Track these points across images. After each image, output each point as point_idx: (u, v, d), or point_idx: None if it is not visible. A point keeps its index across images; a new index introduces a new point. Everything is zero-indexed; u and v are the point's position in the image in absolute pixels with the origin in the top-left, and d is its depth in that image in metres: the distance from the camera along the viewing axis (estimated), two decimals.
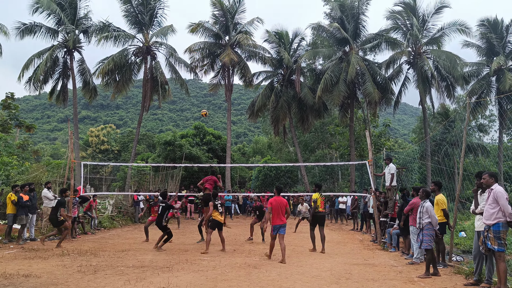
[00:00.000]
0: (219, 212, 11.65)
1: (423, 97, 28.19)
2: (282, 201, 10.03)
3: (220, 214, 11.64)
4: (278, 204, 9.90)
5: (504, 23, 29.25)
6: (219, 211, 11.65)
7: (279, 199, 9.99)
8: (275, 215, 9.83)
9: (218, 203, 11.81)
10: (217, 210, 11.60)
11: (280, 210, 9.87)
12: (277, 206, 9.88)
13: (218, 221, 11.57)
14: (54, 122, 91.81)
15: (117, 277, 7.79)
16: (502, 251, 6.60)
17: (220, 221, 11.58)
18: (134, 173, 28.87)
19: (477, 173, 7.95)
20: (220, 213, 11.65)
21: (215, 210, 11.59)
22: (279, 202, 9.93)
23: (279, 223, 9.85)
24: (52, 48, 25.95)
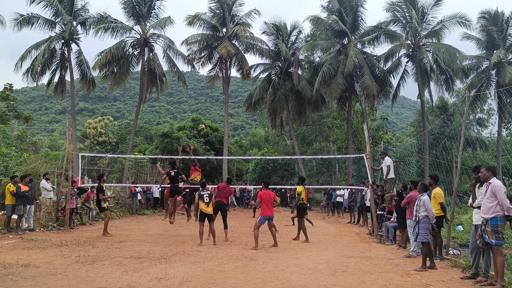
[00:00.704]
0: (205, 202, 11.24)
1: (422, 91, 28.12)
2: (271, 194, 10.79)
3: (206, 205, 11.22)
4: (267, 197, 10.63)
5: (505, 16, 28.97)
6: (205, 201, 11.25)
7: (267, 192, 10.74)
8: (265, 207, 10.54)
9: (205, 193, 11.36)
10: (202, 201, 11.24)
11: (269, 203, 10.60)
12: (267, 199, 10.59)
13: (204, 213, 11.26)
14: (52, 114, 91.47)
15: (115, 268, 7.81)
16: (499, 245, 6.61)
17: (207, 212, 11.21)
18: (132, 165, 28.84)
19: (474, 167, 7.96)
20: (206, 203, 11.23)
21: (201, 201, 11.26)
22: (268, 195, 10.67)
23: (269, 214, 10.61)
24: (50, 40, 25.79)
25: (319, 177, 36.67)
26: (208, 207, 11.25)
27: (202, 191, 11.39)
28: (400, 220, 11.13)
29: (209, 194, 11.40)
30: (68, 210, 14.18)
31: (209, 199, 11.32)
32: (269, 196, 10.67)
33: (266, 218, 10.63)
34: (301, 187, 12.34)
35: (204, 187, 11.61)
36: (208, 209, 11.24)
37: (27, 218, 13.35)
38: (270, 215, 10.65)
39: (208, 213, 11.23)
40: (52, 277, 6.98)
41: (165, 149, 31.11)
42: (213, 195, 11.55)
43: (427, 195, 8.88)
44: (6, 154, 16.98)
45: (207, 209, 11.23)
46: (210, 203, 11.30)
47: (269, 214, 10.61)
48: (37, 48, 25.94)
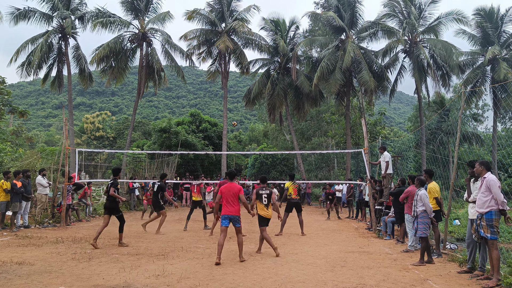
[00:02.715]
0: (264, 204, 9.30)
1: (419, 86, 28.14)
2: (234, 187, 8.35)
3: (265, 206, 9.30)
4: (228, 190, 8.31)
5: (500, 13, 29.16)
6: (263, 202, 9.30)
7: (230, 186, 8.38)
8: (224, 203, 8.31)
9: (264, 192, 9.39)
10: (261, 202, 9.30)
11: (230, 198, 8.27)
12: (227, 193, 8.31)
13: (263, 217, 9.27)
14: (48, 109, 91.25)
15: (112, 265, 7.79)
16: (494, 239, 6.64)
17: (266, 216, 9.26)
18: (130, 160, 28.80)
19: (469, 162, 7.98)
20: (265, 205, 9.30)
21: (259, 202, 9.33)
22: (229, 189, 8.31)
23: (230, 213, 8.25)
24: (47, 34, 25.63)
25: (317, 172, 36.68)
26: (268, 209, 9.31)
27: (261, 190, 9.44)
28: (397, 215, 11.16)
29: (269, 193, 9.45)
30: (65, 206, 14.15)
31: (268, 200, 9.38)
32: (232, 190, 8.29)
33: (227, 218, 8.27)
34: (289, 182, 12.56)
35: (264, 182, 9.75)
36: (268, 212, 9.29)
37: (22, 214, 13.23)
38: (232, 213, 8.24)
39: (268, 217, 9.30)
40: (47, 275, 6.95)
41: (163, 144, 31.06)
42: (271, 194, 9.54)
43: (424, 189, 8.91)
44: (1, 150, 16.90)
45: (267, 212, 9.28)
46: (269, 204, 9.37)
47: (230, 212, 8.24)
48: (33, 42, 25.76)
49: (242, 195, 8.32)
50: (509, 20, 29.01)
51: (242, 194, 8.32)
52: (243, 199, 8.36)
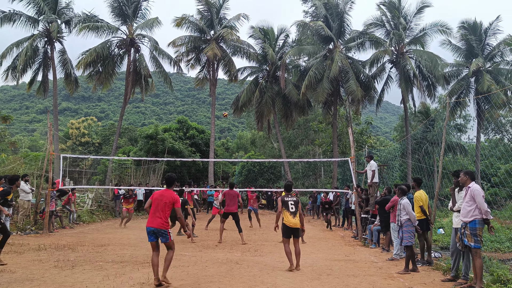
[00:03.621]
0: (291, 212, 8.33)
1: (405, 96, 28.52)
2: (168, 196, 6.94)
3: (292, 215, 8.30)
4: (160, 199, 6.93)
5: (483, 26, 29.89)
6: (290, 210, 8.34)
7: (164, 193, 7.00)
8: (151, 213, 6.93)
9: (290, 200, 8.47)
10: (287, 210, 8.35)
11: (159, 207, 6.87)
12: (158, 202, 6.91)
13: (289, 227, 8.31)
14: (33, 113, 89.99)
15: (96, 273, 7.67)
16: (478, 247, 6.72)
17: (293, 226, 8.29)
18: (115, 167, 28.51)
19: (454, 171, 8.09)
20: (292, 213, 8.31)
21: (285, 210, 8.37)
22: (162, 197, 6.94)
23: (152, 225, 6.85)
24: (33, 38, 25.34)
25: (304, 180, 36.79)
26: (295, 218, 8.31)
27: (287, 197, 8.53)
28: (383, 223, 11.24)
29: (296, 201, 8.51)
30: (48, 213, 13.91)
31: (296, 207, 8.39)
32: (164, 199, 6.89)
33: (152, 232, 6.87)
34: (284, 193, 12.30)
35: (290, 191, 8.84)
36: (295, 221, 8.29)
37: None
38: (156, 226, 6.81)
39: (294, 227, 8.33)
40: (28, 283, 6.80)
41: (150, 151, 30.84)
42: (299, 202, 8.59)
43: (406, 198, 8.99)
44: None
45: (294, 221, 8.28)
46: (297, 213, 8.38)
47: (154, 224, 6.82)
48: (18, 46, 25.46)
49: (179, 208, 6.97)
50: (493, 33, 29.75)
51: (178, 207, 6.95)
52: (179, 213, 6.99)
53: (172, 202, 6.91)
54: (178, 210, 6.98)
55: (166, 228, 6.87)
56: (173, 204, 6.91)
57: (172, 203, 6.90)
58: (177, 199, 6.98)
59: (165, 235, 6.88)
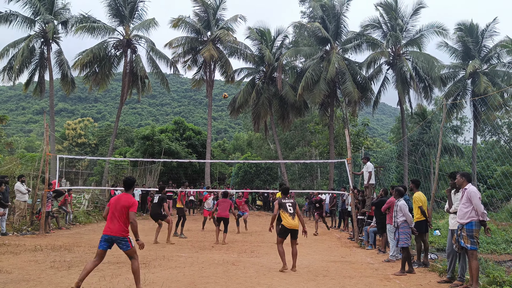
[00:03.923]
0: (290, 213, 8.43)
1: (402, 98, 28.59)
2: (124, 200, 6.38)
3: (291, 216, 8.40)
4: (116, 203, 6.41)
5: (480, 28, 29.98)
6: (289, 212, 8.44)
7: (120, 197, 6.47)
8: (108, 219, 6.41)
9: (288, 202, 8.61)
10: (286, 211, 8.45)
11: (116, 213, 6.33)
12: (114, 207, 6.39)
13: (287, 228, 8.38)
14: (29, 114, 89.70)
15: (92, 273, 7.62)
16: (474, 249, 6.74)
17: (291, 227, 8.35)
18: (112, 168, 28.45)
19: (450, 173, 8.12)
20: (291, 215, 8.41)
21: (284, 211, 8.46)
22: (118, 201, 6.41)
23: (109, 233, 6.31)
24: (29, 38, 25.28)
25: (301, 182, 36.84)
26: (294, 219, 8.40)
27: (284, 199, 8.69)
28: (379, 225, 11.26)
29: (293, 202, 8.66)
30: (44, 214, 13.86)
31: (294, 209, 8.51)
32: (120, 203, 6.36)
33: (107, 240, 6.34)
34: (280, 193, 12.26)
35: (287, 194, 8.96)
36: (295, 223, 8.38)
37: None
38: (113, 233, 6.28)
39: (293, 228, 8.40)
40: (24, 284, 6.78)
41: (146, 152, 30.78)
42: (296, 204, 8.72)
43: (403, 200, 9.01)
44: None
45: (293, 222, 8.35)
46: (295, 214, 8.48)
47: (111, 231, 6.29)
48: (15, 47, 25.40)
49: (133, 212, 6.32)
50: (490, 35, 29.82)
51: (133, 211, 6.32)
52: (132, 218, 6.29)
53: (127, 206, 6.29)
54: (131, 214, 6.28)
55: (125, 235, 6.31)
56: (127, 208, 6.28)
57: (127, 207, 6.28)
58: (132, 203, 6.35)
59: (124, 243, 6.32)
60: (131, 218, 6.29)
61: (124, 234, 6.31)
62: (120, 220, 6.29)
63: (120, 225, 6.27)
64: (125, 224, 6.32)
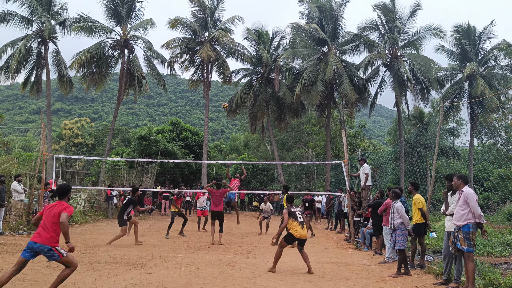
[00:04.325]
0: (299, 222, 8.35)
1: (399, 100, 28.67)
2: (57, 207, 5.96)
3: (301, 225, 8.33)
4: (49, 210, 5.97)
5: (477, 31, 30.10)
6: (299, 221, 8.35)
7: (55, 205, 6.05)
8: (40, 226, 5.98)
9: (297, 210, 8.54)
10: (296, 220, 8.33)
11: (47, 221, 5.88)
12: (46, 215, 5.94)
13: (294, 237, 8.35)
14: (26, 114, 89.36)
15: (88, 273, 7.63)
16: (471, 251, 6.76)
17: (301, 236, 8.34)
18: (108, 168, 28.38)
19: (447, 175, 8.13)
20: (301, 224, 8.34)
21: (293, 220, 8.33)
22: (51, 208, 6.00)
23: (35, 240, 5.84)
24: (26, 38, 25.22)
25: (297, 183, 36.84)
26: (303, 228, 8.36)
27: (292, 208, 8.58)
28: (375, 226, 11.28)
29: (301, 211, 8.67)
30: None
31: (303, 218, 8.52)
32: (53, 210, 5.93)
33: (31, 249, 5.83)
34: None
35: (292, 202, 8.99)
36: (304, 233, 8.36)
37: None
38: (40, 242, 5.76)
39: (302, 238, 8.37)
40: (20, 283, 6.77)
41: (143, 152, 30.74)
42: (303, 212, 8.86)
43: (400, 202, 9.02)
44: None
45: (302, 232, 8.31)
46: (304, 223, 8.49)
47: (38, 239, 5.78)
48: (12, 46, 25.34)
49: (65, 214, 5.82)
50: (487, 37, 29.94)
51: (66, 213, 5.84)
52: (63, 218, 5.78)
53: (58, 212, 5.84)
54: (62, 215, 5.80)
55: (52, 244, 5.79)
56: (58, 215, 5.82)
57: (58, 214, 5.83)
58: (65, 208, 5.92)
59: (52, 254, 5.83)
60: (61, 218, 5.77)
61: (51, 243, 5.81)
62: (48, 229, 5.80)
63: (48, 234, 5.79)
64: (55, 234, 5.85)
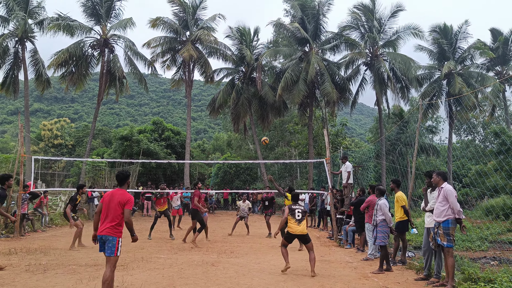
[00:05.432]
0: (296, 219, 8.40)
1: (380, 98, 28.99)
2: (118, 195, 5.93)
3: (297, 222, 8.37)
4: (109, 200, 5.95)
5: (454, 30, 30.67)
6: (296, 218, 8.40)
7: (114, 193, 6.02)
8: (102, 217, 5.99)
9: (298, 208, 8.55)
10: (293, 217, 8.42)
11: (109, 211, 5.89)
12: (107, 204, 5.94)
13: (291, 234, 8.42)
14: (3, 115, 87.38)
15: (68, 276, 7.50)
16: (450, 246, 6.88)
17: (298, 232, 8.35)
18: (89, 169, 27.97)
19: (426, 172, 8.26)
20: (298, 221, 8.38)
21: (291, 217, 8.46)
22: (112, 197, 5.96)
23: (100, 232, 5.91)
24: (2, 37, 24.65)
25: (281, 182, 36.95)
26: (300, 225, 8.37)
27: (294, 205, 8.60)
28: (358, 224, 11.39)
29: (303, 210, 8.59)
30: (19, 216, 13.53)
31: (303, 216, 8.48)
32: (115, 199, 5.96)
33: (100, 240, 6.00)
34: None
35: (297, 201, 8.81)
36: (300, 229, 8.35)
37: None
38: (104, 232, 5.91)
39: (299, 234, 8.39)
40: None
41: (125, 153, 30.36)
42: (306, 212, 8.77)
43: (384, 199, 9.13)
44: None
45: (298, 228, 8.34)
46: (303, 220, 8.45)
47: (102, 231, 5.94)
48: None
49: (128, 210, 5.88)
50: (464, 37, 30.52)
51: (128, 209, 5.88)
52: (127, 216, 5.88)
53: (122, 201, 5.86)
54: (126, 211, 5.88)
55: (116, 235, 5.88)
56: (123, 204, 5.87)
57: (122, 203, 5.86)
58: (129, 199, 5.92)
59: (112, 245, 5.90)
60: (126, 216, 5.85)
61: (114, 233, 5.84)
62: (113, 218, 5.83)
63: (111, 223, 5.82)
64: (117, 222, 5.86)
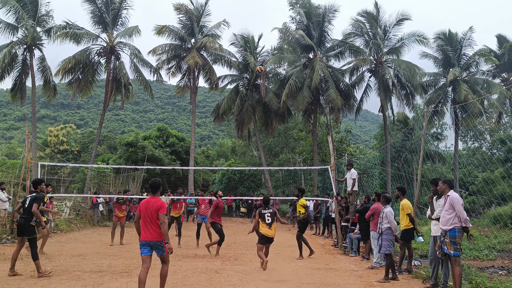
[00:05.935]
0: (267, 223, 9.47)
1: (384, 105, 28.95)
2: (154, 203, 6.37)
3: (268, 226, 9.46)
4: (146, 208, 6.37)
5: (459, 37, 30.61)
6: (266, 222, 9.47)
7: (150, 201, 6.44)
8: (142, 225, 6.40)
9: (267, 212, 9.56)
10: (263, 221, 9.49)
11: (148, 218, 6.33)
12: (146, 212, 6.37)
13: (265, 236, 9.46)
14: (10, 121, 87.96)
15: (73, 282, 7.51)
16: (457, 255, 6.81)
17: (269, 235, 9.46)
18: (94, 175, 28.06)
19: (432, 179, 8.20)
20: (268, 225, 9.46)
21: (262, 221, 9.51)
22: (148, 206, 6.38)
23: (146, 239, 6.36)
24: (11, 44, 24.92)
25: (285, 188, 36.85)
26: (271, 228, 9.47)
27: (264, 209, 9.60)
28: (363, 231, 11.31)
29: (272, 212, 9.57)
30: None
31: (272, 219, 9.50)
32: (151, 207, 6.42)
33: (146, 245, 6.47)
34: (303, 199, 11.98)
35: (267, 205, 9.80)
36: (271, 232, 9.47)
37: None
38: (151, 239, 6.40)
39: (270, 237, 9.50)
40: None
41: (129, 159, 30.46)
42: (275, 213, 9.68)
43: (390, 207, 9.07)
44: None
45: (270, 231, 9.45)
46: (272, 224, 9.52)
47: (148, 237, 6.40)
48: None
49: (163, 214, 6.26)
50: (468, 44, 30.43)
51: (162, 213, 6.26)
52: (162, 219, 6.24)
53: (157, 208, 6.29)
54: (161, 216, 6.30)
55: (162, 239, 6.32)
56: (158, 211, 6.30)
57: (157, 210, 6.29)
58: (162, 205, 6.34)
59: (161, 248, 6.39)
60: (161, 220, 6.24)
61: (161, 238, 6.30)
62: (153, 225, 6.28)
63: (156, 230, 6.28)
64: (155, 228, 6.31)
